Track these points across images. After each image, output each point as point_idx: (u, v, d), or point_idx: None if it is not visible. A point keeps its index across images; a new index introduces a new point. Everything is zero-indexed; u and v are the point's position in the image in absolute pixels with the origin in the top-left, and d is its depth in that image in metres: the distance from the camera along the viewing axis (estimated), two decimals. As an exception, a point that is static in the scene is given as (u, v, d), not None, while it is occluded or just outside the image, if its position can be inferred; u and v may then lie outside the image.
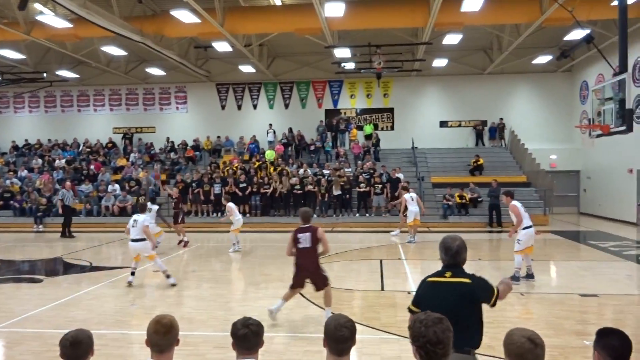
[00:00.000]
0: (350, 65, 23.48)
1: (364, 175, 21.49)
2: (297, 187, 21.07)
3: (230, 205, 14.79)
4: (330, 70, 25.41)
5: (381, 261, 12.39)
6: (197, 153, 26.20)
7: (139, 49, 22.26)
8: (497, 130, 26.10)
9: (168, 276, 9.86)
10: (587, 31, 15.42)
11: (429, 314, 2.74)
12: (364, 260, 12.81)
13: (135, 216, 10.12)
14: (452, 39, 20.34)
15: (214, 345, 6.47)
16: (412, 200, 15.74)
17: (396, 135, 26.42)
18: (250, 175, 22.11)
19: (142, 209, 10.67)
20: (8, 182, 23.75)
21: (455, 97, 26.43)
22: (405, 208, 15.85)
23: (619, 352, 2.77)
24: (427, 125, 26.47)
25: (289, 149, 25.65)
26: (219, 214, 21.29)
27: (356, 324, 2.96)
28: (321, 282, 7.46)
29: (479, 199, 20.83)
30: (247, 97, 27.64)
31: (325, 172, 22.31)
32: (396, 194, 20.25)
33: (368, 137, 25.82)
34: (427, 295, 3.72)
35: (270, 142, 26.05)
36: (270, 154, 24.57)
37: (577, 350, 6.17)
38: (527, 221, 9.72)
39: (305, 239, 7.32)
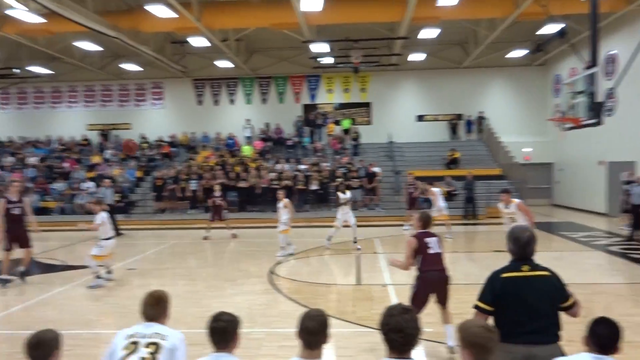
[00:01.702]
0: (328, 60, 23.45)
1: (341, 169, 21.51)
2: (275, 182, 21.00)
3: (287, 201, 13.13)
4: (308, 65, 25.34)
5: (358, 255, 12.41)
6: (174, 149, 25.92)
7: (114, 45, 21.87)
8: (477, 124, 26.36)
9: (98, 277, 9.72)
10: (561, 25, 15.63)
11: (398, 304, 2.80)
12: (341, 254, 12.83)
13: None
14: (428, 33, 20.43)
15: (188, 343, 6.38)
16: (440, 194, 15.50)
17: (374, 130, 26.49)
18: (227, 170, 21.94)
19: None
20: (-21, 180, 23.19)
21: (432, 91, 26.60)
22: (412, 202, 15.80)
23: (606, 340, 2.82)
24: (404, 119, 26.61)
25: (267, 144, 25.54)
26: (195, 210, 21.17)
27: (331, 318, 2.97)
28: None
29: (455, 192, 21.02)
30: (225, 93, 27.42)
31: (303, 167, 22.26)
32: (372, 187, 20.48)
33: (346, 131, 25.85)
34: (507, 291, 3.55)
35: (247, 138, 25.90)
36: (247, 150, 24.43)
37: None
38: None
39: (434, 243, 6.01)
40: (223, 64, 24.80)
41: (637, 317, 6.90)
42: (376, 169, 21.71)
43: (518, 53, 23.92)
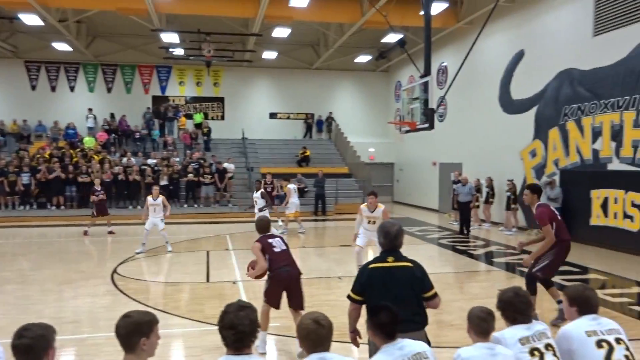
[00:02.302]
0: (179, 51, 22.70)
1: (192, 165, 21.01)
2: (120, 176, 19.81)
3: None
4: (158, 55, 24.29)
5: (208, 252, 12.28)
6: (1, 138, 23.10)
7: None
8: (326, 124, 27.47)
9: None
10: (400, 36, 16.95)
11: (236, 301, 2.82)
12: (191, 252, 12.56)
13: None
14: (281, 32, 20.81)
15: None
16: (295, 191, 15.67)
17: (227, 125, 26.29)
18: (65, 163, 20.16)
19: None
20: None
21: (284, 90, 27.14)
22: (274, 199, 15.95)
23: (388, 327, 3.07)
24: (257, 116, 26.80)
25: (112, 136, 23.97)
26: (28, 206, 19.18)
27: (178, 318, 2.91)
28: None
29: (306, 189, 21.71)
30: (63, 78, 25.14)
31: (152, 161, 21.31)
32: (222, 184, 20.42)
33: (198, 126, 25.28)
34: (373, 282, 3.74)
35: (90, 129, 24.07)
36: (89, 141, 22.70)
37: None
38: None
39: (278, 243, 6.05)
40: (61, 46, 22.72)
41: (461, 302, 7.77)
42: (228, 165, 21.57)
43: (364, 58, 25.45)
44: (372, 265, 3.87)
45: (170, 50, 22.32)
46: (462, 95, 19.36)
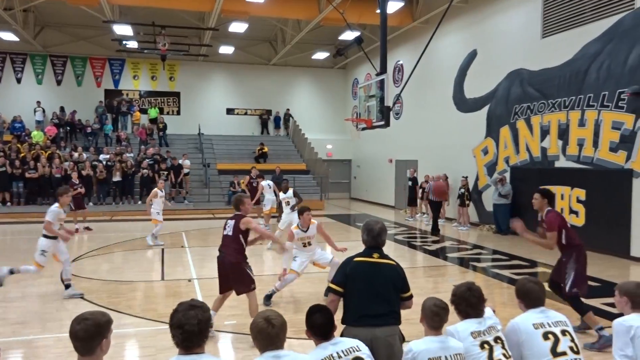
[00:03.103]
0: (132, 44, 22.13)
1: (147, 160, 20.55)
2: (71, 172, 19.15)
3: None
4: (110, 48, 23.60)
5: (163, 250, 12.05)
6: (-60, 132, 21.96)
7: None
8: (284, 120, 27.38)
9: None
10: (357, 34, 17.06)
11: (188, 300, 2.78)
12: (145, 249, 12.30)
13: None
14: (238, 27, 20.59)
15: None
16: (270, 187, 14.91)
17: (183, 121, 25.85)
18: (11, 158, 19.32)
19: None
20: None
21: (242, 85, 26.89)
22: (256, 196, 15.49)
23: (323, 328, 3.13)
24: (214, 111, 26.46)
25: (62, 130, 23.14)
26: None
27: (132, 317, 2.84)
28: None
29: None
30: (9, 69, 24.09)
31: (104, 156, 20.71)
32: (178, 180, 20.15)
33: (153, 121, 24.74)
34: (356, 275, 3.81)
35: (38, 122, 23.14)
36: (38, 135, 21.85)
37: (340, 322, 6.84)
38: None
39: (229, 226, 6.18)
40: (7, 36, 21.72)
41: (416, 298, 7.83)
42: (184, 161, 21.21)
43: (322, 55, 25.50)
44: (357, 259, 3.93)
45: (124, 42, 21.73)
46: (417, 93, 19.68)
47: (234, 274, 6.03)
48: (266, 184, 15.17)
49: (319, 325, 3.11)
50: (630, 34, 11.20)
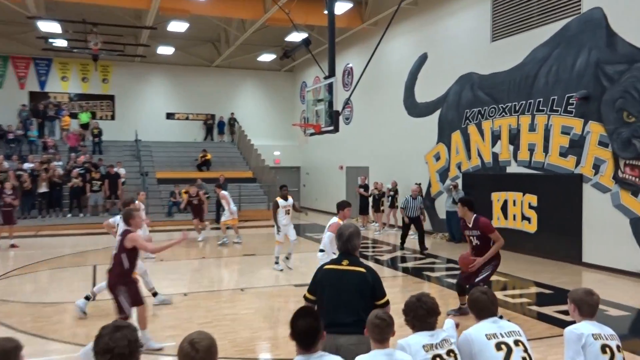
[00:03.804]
0: (60, 43, 21.35)
1: (78, 169, 19.81)
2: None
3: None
4: (35, 46, 22.67)
5: (95, 267, 11.59)
6: None
7: None
8: (228, 125, 27.08)
9: None
10: (305, 35, 17.12)
11: (112, 322, 2.62)
12: (76, 266, 11.81)
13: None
14: (178, 26, 20.27)
15: None
16: (229, 197, 15.05)
17: (118, 126, 25.12)
18: None
19: None
20: None
21: (183, 89, 26.45)
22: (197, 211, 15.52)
23: (305, 336, 3.09)
24: (152, 116, 25.88)
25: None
26: None
27: (57, 343, 2.67)
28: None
29: (207, 195, 21.21)
30: None
31: (29, 165, 19.80)
32: (119, 192, 19.47)
33: (84, 126, 23.94)
34: (324, 282, 3.96)
35: (-48, 128, 21.92)
36: (-48, 143, 20.69)
37: (288, 340, 6.77)
38: None
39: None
40: None
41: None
42: (121, 170, 20.60)
43: (268, 57, 25.45)
44: (326, 267, 4.10)
45: (50, 40, 20.93)
46: (367, 97, 19.92)
47: (113, 295, 6.04)
48: (226, 193, 15.17)
49: (300, 332, 3.05)
50: (577, 39, 11.73)
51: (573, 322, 3.75)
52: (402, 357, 3.23)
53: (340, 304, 3.83)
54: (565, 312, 6.18)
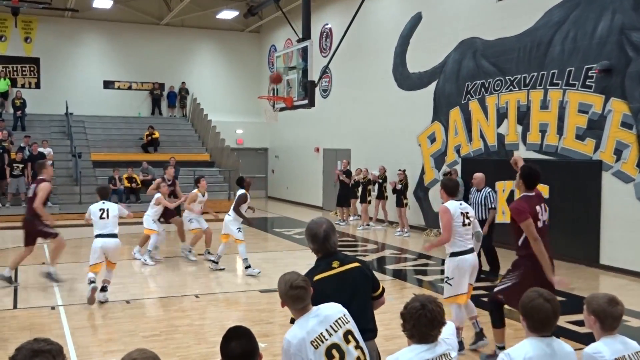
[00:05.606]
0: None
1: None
2: None
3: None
4: (-60, -4, 22.11)
5: (17, 268, 11.44)
6: None
7: None
8: (178, 97, 26.86)
9: None
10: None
11: (29, 345, 2.54)
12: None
13: None
14: (118, -25, 19.93)
15: None
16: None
17: (43, 96, 24.73)
18: None
19: None
20: None
21: (124, 52, 26.14)
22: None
23: (241, 357, 3.08)
24: (87, 85, 25.56)
25: None
26: None
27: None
28: None
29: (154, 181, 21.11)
30: None
31: None
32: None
33: (3, 95, 23.57)
34: (325, 294, 3.79)
35: None
36: None
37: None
38: (462, 243, 7.16)
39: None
40: None
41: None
42: (46, 150, 20.33)
43: (229, 14, 25.22)
44: (317, 277, 3.98)
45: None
46: (350, 66, 19.95)
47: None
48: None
49: (233, 357, 3.03)
50: (599, 0, 11.87)
51: (588, 334, 3.81)
52: None
53: (356, 309, 3.85)
54: (580, 323, 6.32)
